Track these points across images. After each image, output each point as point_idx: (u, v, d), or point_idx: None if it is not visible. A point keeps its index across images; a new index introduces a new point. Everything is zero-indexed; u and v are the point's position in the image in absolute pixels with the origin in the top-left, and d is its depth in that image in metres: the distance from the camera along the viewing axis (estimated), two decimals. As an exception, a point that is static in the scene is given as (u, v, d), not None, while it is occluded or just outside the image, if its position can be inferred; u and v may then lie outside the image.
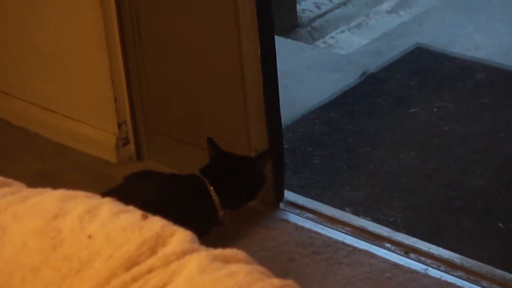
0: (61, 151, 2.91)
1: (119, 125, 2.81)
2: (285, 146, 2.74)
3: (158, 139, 2.81)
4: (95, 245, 0.95)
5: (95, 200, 1.01)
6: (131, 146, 2.84)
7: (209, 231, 2.34)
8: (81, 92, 2.85)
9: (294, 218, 2.60)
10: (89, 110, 2.85)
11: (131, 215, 0.98)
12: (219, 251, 0.96)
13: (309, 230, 2.54)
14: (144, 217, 0.98)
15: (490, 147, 2.83)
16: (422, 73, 3.20)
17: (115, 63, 2.74)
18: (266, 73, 2.52)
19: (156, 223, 0.97)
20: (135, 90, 2.77)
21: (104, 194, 1.28)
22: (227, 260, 0.95)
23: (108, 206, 0.99)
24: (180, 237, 0.96)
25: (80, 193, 1.02)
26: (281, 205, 2.65)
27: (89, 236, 0.95)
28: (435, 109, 3.02)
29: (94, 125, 2.85)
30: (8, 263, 0.95)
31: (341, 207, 2.64)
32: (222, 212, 2.37)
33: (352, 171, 2.78)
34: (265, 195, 2.56)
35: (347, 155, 2.85)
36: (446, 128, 2.93)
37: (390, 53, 3.31)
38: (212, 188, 2.35)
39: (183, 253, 0.95)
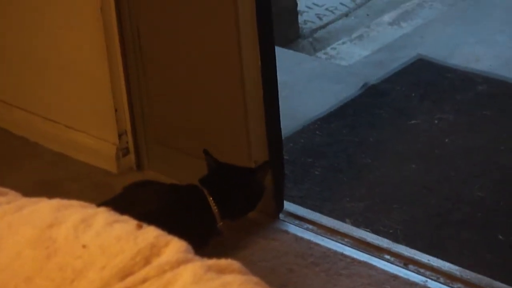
0: (61, 160, 2.91)
1: (120, 135, 2.82)
2: (285, 157, 2.74)
3: (158, 149, 2.81)
4: (89, 255, 0.95)
5: (90, 209, 1.01)
6: (132, 156, 2.84)
7: (209, 242, 2.34)
8: (82, 102, 2.85)
9: (294, 229, 2.59)
10: (89, 120, 2.86)
11: (126, 224, 0.98)
12: (213, 261, 0.96)
13: (309, 241, 2.53)
14: (139, 227, 0.98)
15: (491, 160, 2.83)
16: (423, 84, 3.20)
17: (115, 73, 2.74)
18: (266, 84, 2.52)
19: (151, 232, 0.97)
20: (136, 100, 2.78)
21: (103, 204, 1.28)
22: (221, 271, 0.95)
23: (103, 215, 0.99)
24: (175, 247, 0.96)
25: (75, 203, 1.02)
26: (281, 215, 2.64)
27: (84, 246, 0.95)
28: (436, 121, 3.02)
29: (95, 135, 2.85)
30: (1, 272, 0.95)
31: (341, 218, 2.64)
32: (221, 223, 2.37)
33: (352, 182, 2.78)
34: (265, 206, 2.56)
35: (348, 166, 2.85)
36: (446, 140, 2.93)
37: (391, 65, 3.31)
38: (211, 198, 2.35)
39: (178, 263, 0.95)
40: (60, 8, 2.77)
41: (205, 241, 2.30)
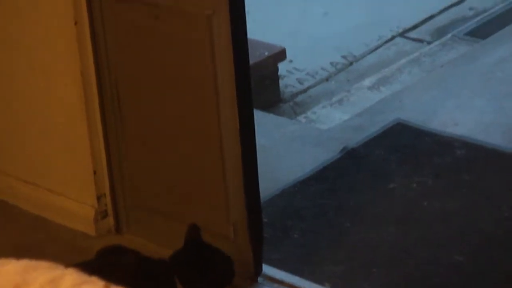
0: (40, 223, 2.89)
1: (98, 198, 2.81)
2: (264, 220, 2.74)
3: (137, 212, 2.80)
4: (56, 316, 0.94)
5: (58, 270, 1.01)
6: (110, 219, 2.84)
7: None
8: (61, 164, 2.85)
9: (273, 292, 2.58)
10: (68, 183, 2.85)
11: (94, 286, 0.98)
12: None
13: (287, 305, 2.52)
14: (107, 288, 0.98)
15: (469, 224, 2.84)
16: (402, 148, 3.22)
17: (95, 136, 2.75)
18: (245, 147, 2.53)
19: (118, 294, 0.97)
20: (115, 163, 2.78)
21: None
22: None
23: (71, 277, 0.99)
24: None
25: (43, 264, 1.02)
26: (260, 279, 2.63)
27: (51, 307, 0.94)
28: (415, 185, 3.03)
29: (73, 197, 2.85)
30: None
31: (320, 281, 2.63)
32: None
33: (332, 245, 2.78)
34: (243, 269, 2.55)
35: (327, 229, 2.85)
36: (425, 204, 2.94)
37: (370, 129, 3.34)
38: (176, 277, 2.35)
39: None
40: (40, 71, 2.78)
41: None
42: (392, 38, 4.10)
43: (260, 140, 2.63)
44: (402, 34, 4.12)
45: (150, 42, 2.57)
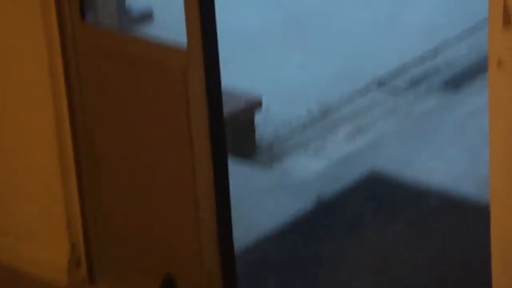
0: (11, 274, 2.87)
1: (72, 246, 2.80)
2: (239, 270, 2.74)
3: (111, 261, 2.79)
4: None
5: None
6: (84, 268, 2.82)
7: None
8: (33, 212, 2.84)
9: None
10: (41, 231, 2.84)
11: None
12: None
13: None
14: None
15: (442, 273, 2.85)
16: (376, 198, 3.24)
17: (69, 183, 2.75)
18: (219, 198, 2.54)
19: None
20: (89, 211, 2.77)
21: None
22: None
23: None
24: None
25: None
26: (232, 330, 2.63)
27: None
28: (389, 234, 3.04)
29: (46, 246, 2.83)
30: None
31: (293, 332, 2.63)
32: None
33: (306, 296, 2.79)
34: (216, 320, 2.55)
35: (302, 280, 2.85)
36: (399, 253, 2.95)
37: (345, 178, 3.36)
38: None
39: None
40: (14, 118, 2.78)
41: None
42: (368, 88, 4.14)
43: (235, 189, 2.64)
44: (377, 85, 4.16)
45: (125, 92, 2.59)
